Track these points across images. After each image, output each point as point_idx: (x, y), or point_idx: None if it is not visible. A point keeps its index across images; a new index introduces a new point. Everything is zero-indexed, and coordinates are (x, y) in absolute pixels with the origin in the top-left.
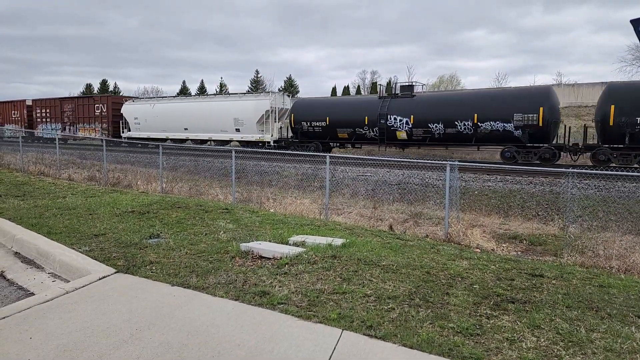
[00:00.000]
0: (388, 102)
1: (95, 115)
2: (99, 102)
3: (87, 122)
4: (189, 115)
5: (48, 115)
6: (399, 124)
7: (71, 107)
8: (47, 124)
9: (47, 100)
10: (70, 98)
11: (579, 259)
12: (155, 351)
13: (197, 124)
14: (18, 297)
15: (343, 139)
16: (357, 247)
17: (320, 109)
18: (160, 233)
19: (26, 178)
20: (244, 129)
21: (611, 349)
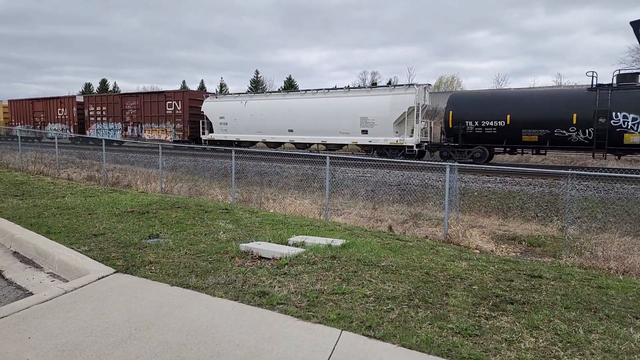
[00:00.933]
0: (609, 95)
1: (166, 113)
2: (172, 98)
3: (156, 121)
4: (295, 114)
5: (104, 113)
6: (630, 123)
7: (135, 104)
8: (103, 123)
9: (105, 96)
10: (135, 94)
11: (577, 260)
12: (155, 351)
13: (305, 125)
14: (17, 297)
15: (530, 143)
16: (356, 247)
17: (495, 105)
18: (159, 233)
19: (25, 177)
20: (375, 130)
21: (609, 350)
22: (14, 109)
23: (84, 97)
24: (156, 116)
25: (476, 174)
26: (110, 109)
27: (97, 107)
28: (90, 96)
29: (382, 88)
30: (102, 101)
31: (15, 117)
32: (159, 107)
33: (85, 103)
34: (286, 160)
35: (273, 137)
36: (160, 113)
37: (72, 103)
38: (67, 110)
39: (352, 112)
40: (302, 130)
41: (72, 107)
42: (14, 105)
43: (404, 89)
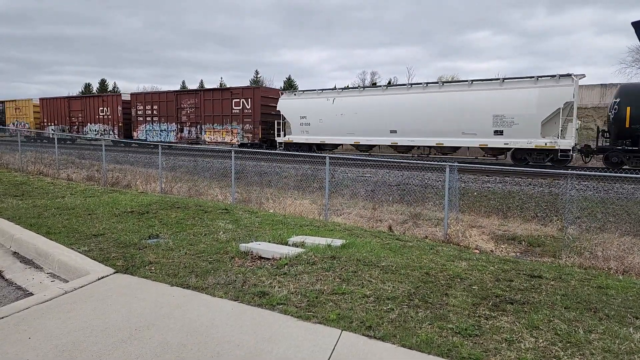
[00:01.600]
0: None
1: (233, 113)
2: (239, 95)
3: (220, 122)
4: (399, 112)
5: (156, 112)
6: None
7: (194, 102)
8: (154, 123)
9: (156, 94)
10: (194, 91)
11: (577, 260)
12: (155, 351)
13: (413, 125)
14: (17, 297)
15: None
16: (356, 247)
17: None
18: (159, 233)
19: (25, 178)
20: (514, 131)
21: (609, 350)
22: (46, 108)
23: (131, 95)
24: (219, 116)
25: (476, 174)
26: (162, 108)
27: (147, 106)
28: (139, 94)
29: (521, 80)
30: (153, 99)
31: (47, 117)
32: (223, 105)
33: (132, 101)
34: (286, 160)
35: (369, 140)
36: (225, 112)
37: (116, 101)
38: (111, 109)
39: (480, 109)
40: (409, 131)
41: (116, 105)
42: (47, 104)
43: (555, 80)
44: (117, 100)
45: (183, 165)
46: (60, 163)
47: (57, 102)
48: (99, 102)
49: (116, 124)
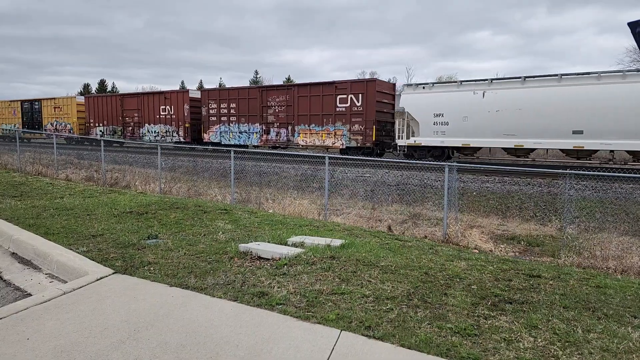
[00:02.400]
0: None
1: (336, 111)
2: (347, 90)
3: (318, 122)
4: (588, 107)
5: (234, 111)
6: None
7: (284, 98)
8: (231, 124)
9: (235, 90)
10: (285, 86)
11: (576, 259)
12: (154, 352)
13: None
14: (15, 298)
15: None
16: (355, 247)
17: None
18: (158, 234)
19: (23, 178)
20: None
21: (608, 349)
22: (93, 106)
23: (202, 92)
24: (318, 115)
25: (475, 174)
26: (243, 106)
27: (223, 104)
28: (213, 90)
29: None
30: (230, 96)
31: (94, 117)
32: (323, 102)
33: (203, 99)
34: (285, 160)
35: (538, 142)
36: (326, 111)
37: (182, 99)
38: (176, 107)
39: None
40: (602, 132)
41: (182, 103)
42: (94, 103)
43: None
44: (184, 97)
45: (182, 165)
46: (59, 163)
47: (107, 100)
48: (161, 100)
49: (181, 124)
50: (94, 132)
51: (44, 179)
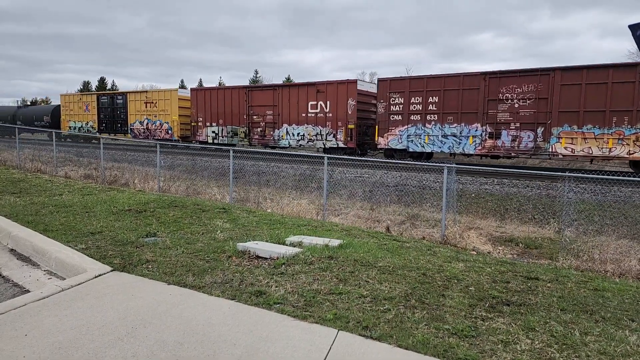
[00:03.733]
0: None
1: None
2: None
3: (600, 121)
4: None
5: (434, 107)
6: None
7: (532, 88)
8: (429, 124)
9: (436, 79)
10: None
11: (574, 262)
12: (151, 349)
13: None
14: (13, 295)
15: None
16: (353, 248)
17: None
18: (157, 232)
19: (22, 175)
20: None
21: (605, 352)
22: (202, 101)
23: (380, 82)
24: (600, 112)
25: (474, 176)
26: (450, 100)
27: (415, 97)
28: (399, 80)
29: None
30: (429, 86)
31: (204, 114)
32: (612, 92)
33: (381, 91)
34: (284, 160)
35: None
36: (618, 104)
37: (346, 92)
38: (334, 103)
39: None
40: None
41: (345, 97)
42: (204, 97)
43: None
44: (348, 90)
45: (181, 164)
46: (58, 161)
47: (226, 94)
48: (310, 94)
49: (342, 125)
50: (203, 133)
51: (43, 176)
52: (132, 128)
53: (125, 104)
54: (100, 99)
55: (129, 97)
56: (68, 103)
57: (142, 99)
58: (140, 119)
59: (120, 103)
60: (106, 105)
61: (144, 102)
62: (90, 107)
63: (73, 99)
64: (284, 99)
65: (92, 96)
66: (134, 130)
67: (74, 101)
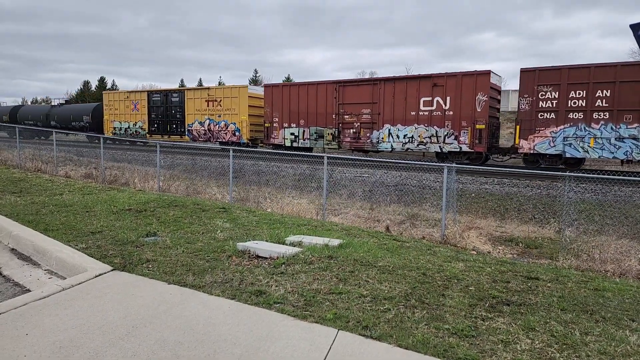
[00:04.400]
0: None
1: None
2: None
3: None
4: None
5: (602, 102)
6: None
7: None
8: (592, 124)
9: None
10: None
11: (574, 262)
12: (151, 349)
13: None
14: (14, 294)
15: None
16: (353, 247)
17: None
18: (157, 231)
19: (23, 174)
20: None
21: (605, 352)
22: (279, 99)
23: (521, 73)
24: None
25: (474, 176)
26: (623, 94)
27: (575, 91)
28: (545, 70)
29: None
30: (595, 77)
31: (281, 114)
32: None
33: (525, 84)
34: (284, 160)
35: None
36: None
37: (475, 85)
38: (456, 98)
39: None
40: None
41: (472, 92)
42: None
43: None
44: (477, 83)
45: (181, 163)
46: (58, 160)
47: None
48: (424, 88)
49: (467, 125)
50: (279, 136)
51: (44, 176)
52: (189, 129)
53: (182, 103)
54: (152, 97)
55: (187, 94)
56: (112, 102)
57: (203, 96)
58: (201, 119)
59: (176, 101)
60: (159, 104)
61: (206, 100)
62: (140, 106)
63: (118, 97)
64: (386, 94)
65: (142, 94)
66: (192, 132)
67: (119, 99)
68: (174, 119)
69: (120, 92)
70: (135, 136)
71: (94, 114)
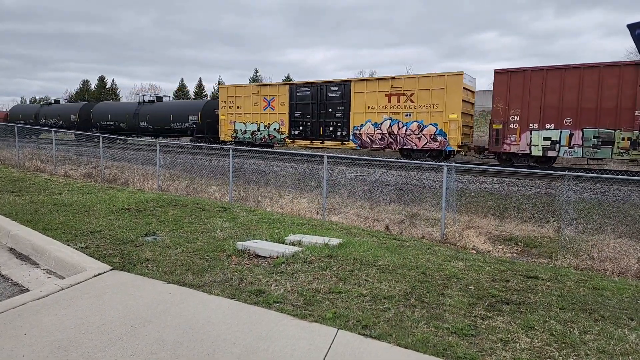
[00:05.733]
0: None
1: None
2: None
3: None
4: None
5: None
6: None
7: None
8: None
9: None
10: None
11: (573, 261)
12: (150, 348)
13: None
14: (13, 293)
15: None
16: (353, 247)
17: None
18: (156, 231)
19: (22, 174)
20: None
21: (604, 351)
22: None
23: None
24: None
25: (473, 175)
26: None
27: None
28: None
29: None
30: None
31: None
32: None
33: None
34: (284, 159)
35: None
36: None
37: None
38: None
39: None
40: None
41: None
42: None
43: None
44: None
45: (181, 163)
46: (57, 160)
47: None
48: None
49: None
50: (520, 141)
51: (43, 175)
52: (356, 133)
53: (346, 98)
54: (297, 91)
55: (355, 86)
56: (232, 97)
57: (382, 88)
58: (376, 119)
59: (336, 96)
60: (306, 100)
61: (387, 93)
62: (276, 103)
63: (243, 92)
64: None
65: (281, 87)
66: (361, 136)
67: (243, 95)
68: (331, 119)
69: (246, 85)
70: (269, 142)
71: (204, 113)
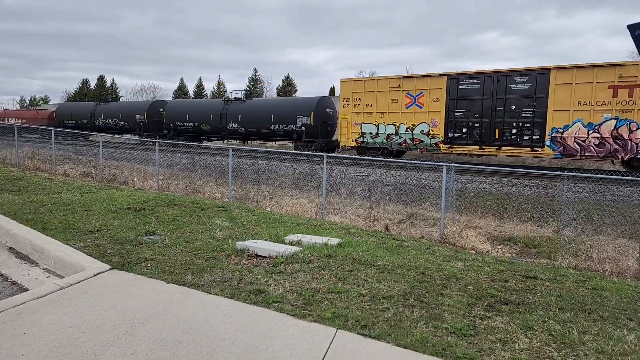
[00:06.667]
0: None
1: None
2: None
3: None
4: None
5: None
6: None
7: None
8: None
9: None
10: None
11: (572, 261)
12: (150, 348)
13: None
14: (12, 293)
15: None
16: (353, 247)
17: None
18: (156, 230)
19: (21, 173)
20: None
21: (603, 351)
22: None
23: None
24: None
25: (473, 175)
26: None
27: None
28: None
29: None
30: None
31: None
32: None
33: None
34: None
35: None
36: None
37: None
38: None
39: None
40: None
41: None
42: None
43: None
44: None
45: (180, 162)
46: (57, 159)
47: None
48: None
49: None
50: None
51: (42, 174)
52: (556, 136)
53: (542, 91)
54: (459, 84)
55: (556, 76)
56: (359, 93)
57: (601, 78)
58: (589, 119)
59: (524, 90)
60: (473, 95)
61: (612, 85)
62: (425, 99)
63: (375, 86)
64: None
65: (435, 79)
66: (565, 141)
67: (376, 90)
68: (515, 119)
69: (380, 78)
70: (412, 147)
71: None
